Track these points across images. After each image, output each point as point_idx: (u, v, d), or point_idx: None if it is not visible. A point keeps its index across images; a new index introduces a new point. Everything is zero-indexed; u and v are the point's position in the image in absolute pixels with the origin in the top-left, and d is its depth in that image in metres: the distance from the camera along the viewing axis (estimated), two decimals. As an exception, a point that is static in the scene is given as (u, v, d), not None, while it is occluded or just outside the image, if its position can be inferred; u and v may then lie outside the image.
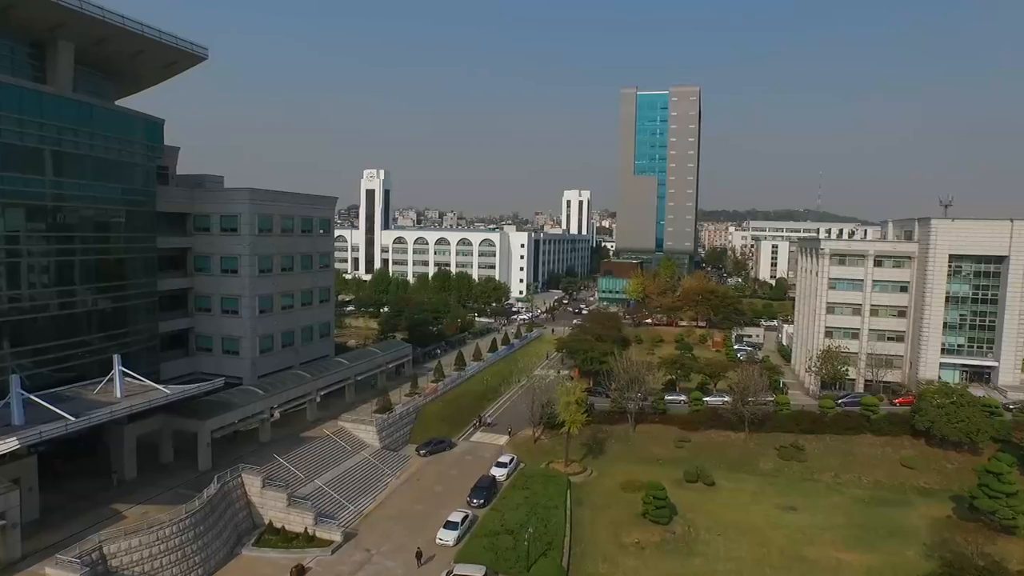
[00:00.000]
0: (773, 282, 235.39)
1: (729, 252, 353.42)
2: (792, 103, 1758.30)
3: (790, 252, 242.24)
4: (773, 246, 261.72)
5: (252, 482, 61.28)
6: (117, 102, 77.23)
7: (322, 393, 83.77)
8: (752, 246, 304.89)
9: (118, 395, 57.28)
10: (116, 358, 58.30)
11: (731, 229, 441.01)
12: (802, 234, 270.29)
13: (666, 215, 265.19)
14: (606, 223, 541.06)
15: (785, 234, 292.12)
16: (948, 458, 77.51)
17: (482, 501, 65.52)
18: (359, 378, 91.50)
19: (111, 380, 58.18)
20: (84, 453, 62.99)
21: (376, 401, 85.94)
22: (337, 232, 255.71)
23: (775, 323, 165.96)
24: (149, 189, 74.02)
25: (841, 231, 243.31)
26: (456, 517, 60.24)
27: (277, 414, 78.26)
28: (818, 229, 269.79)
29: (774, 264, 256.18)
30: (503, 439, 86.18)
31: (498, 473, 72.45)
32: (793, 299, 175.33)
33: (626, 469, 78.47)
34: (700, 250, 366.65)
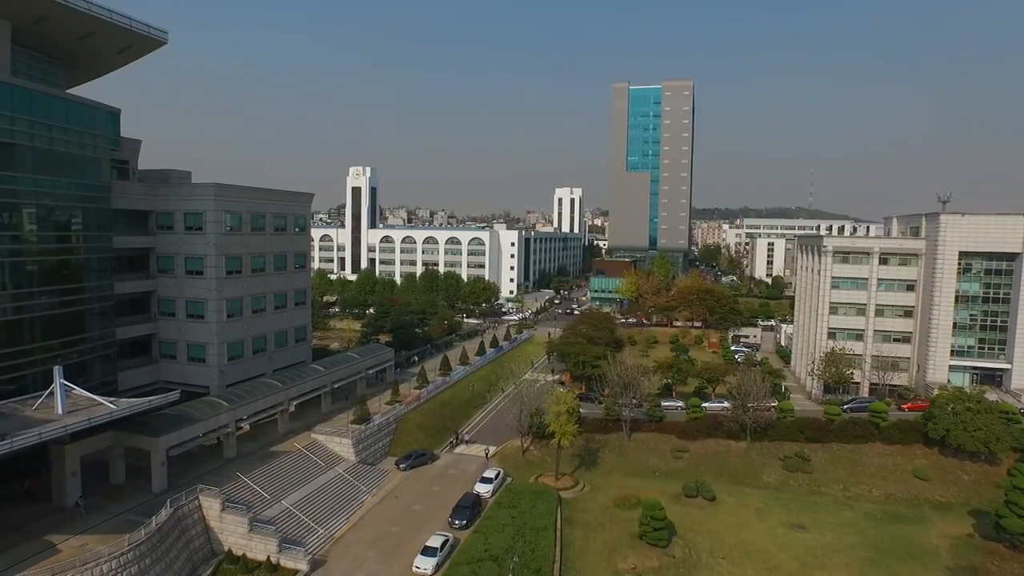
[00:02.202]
0: (769, 280, 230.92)
1: (723, 250, 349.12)
2: (784, 101, 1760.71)
3: (786, 250, 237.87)
4: (769, 244, 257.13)
5: (210, 505, 55.66)
6: (74, 91, 71.59)
7: (296, 403, 78.32)
8: (747, 244, 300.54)
9: (59, 411, 51.54)
10: (57, 370, 52.48)
11: (725, 227, 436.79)
12: (798, 231, 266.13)
13: (659, 212, 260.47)
14: (598, 221, 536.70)
15: (780, 231, 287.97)
16: (964, 469, 72.70)
17: (464, 522, 60.10)
18: (336, 386, 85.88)
19: (52, 394, 52.50)
20: (31, 474, 57.39)
21: (354, 410, 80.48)
22: (323, 231, 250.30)
23: (772, 323, 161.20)
24: (103, 184, 68.12)
25: (842, 227, 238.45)
26: (435, 542, 54.71)
27: (247, 426, 72.98)
28: (818, 226, 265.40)
29: (770, 262, 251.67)
30: (490, 450, 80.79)
31: (482, 490, 67.00)
32: (790, 298, 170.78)
33: (621, 483, 73.43)
34: (693, 248, 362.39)
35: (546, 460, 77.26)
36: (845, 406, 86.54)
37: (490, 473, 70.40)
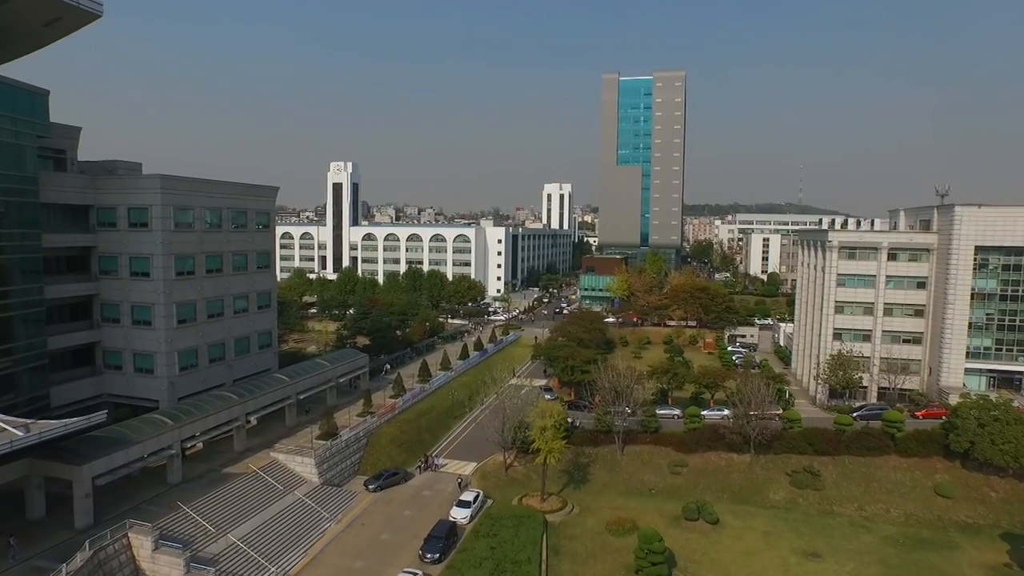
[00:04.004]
0: (765, 277, 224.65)
1: (716, 246, 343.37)
2: (772, 98, 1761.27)
3: (782, 245, 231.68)
4: (764, 239, 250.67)
5: (141, 543, 48.16)
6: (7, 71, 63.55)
7: (256, 417, 70.85)
8: (740, 240, 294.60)
9: (-43, 438, 43.95)
10: (-46, 390, 44.96)
11: (716, 223, 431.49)
12: (791, 227, 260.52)
13: (651, 207, 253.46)
14: (588, 218, 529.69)
15: (774, 227, 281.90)
16: (991, 485, 66.13)
17: (437, 555, 52.92)
18: (302, 396, 78.41)
19: (-52, 419, 44.93)
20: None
21: (320, 424, 73.11)
22: (304, 228, 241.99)
23: (769, 322, 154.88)
24: (28, 175, 60.60)
25: (845, 221, 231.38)
26: (401, 583, 47.63)
27: (200, 444, 65.56)
28: (820, 220, 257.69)
29: (765, 258, 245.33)
30: (469, 467, 73.71)
31: (459, 515, 59.80)
32: (787, 295, 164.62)
33: (613, 503, 66.52)
34: (685, 244, 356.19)
35: (531, 477, 70.34)
36: (855, 414, 79.99)
37: (468, 496, 63.13)
